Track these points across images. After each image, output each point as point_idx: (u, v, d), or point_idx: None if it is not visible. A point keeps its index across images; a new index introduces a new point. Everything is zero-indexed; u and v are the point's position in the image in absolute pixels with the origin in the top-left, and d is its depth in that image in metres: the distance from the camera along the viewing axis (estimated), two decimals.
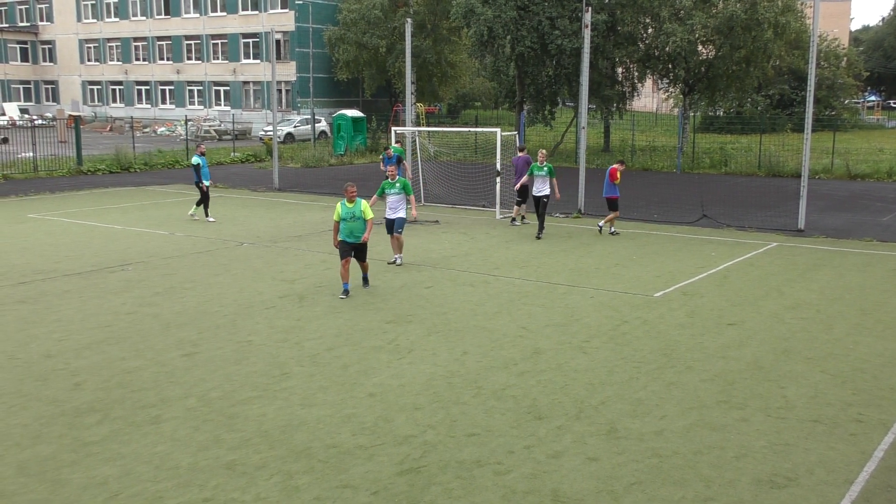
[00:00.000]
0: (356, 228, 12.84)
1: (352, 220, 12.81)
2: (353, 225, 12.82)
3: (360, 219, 12.83)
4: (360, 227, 12.86)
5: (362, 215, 12.88)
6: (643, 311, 12.27)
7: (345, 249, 12.90)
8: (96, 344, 10.59)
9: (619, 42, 39.59)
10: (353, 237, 12.86)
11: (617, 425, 8.03)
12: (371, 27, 54.29)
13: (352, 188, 12.79)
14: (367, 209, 12.96)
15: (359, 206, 12.84)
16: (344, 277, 12.98)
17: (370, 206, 13.49)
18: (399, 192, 15.31)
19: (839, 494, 6.67)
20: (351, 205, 12.80)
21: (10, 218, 21.33)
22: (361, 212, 12.87)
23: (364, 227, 12.91)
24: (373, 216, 13.04)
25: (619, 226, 20.38)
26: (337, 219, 12.87)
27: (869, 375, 9.49)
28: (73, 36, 73.37)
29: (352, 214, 12.82)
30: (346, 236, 12.87)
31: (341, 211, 12.83)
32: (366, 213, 12.92)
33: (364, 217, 12.88)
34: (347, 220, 12.80)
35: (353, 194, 12.81)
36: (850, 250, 17.30)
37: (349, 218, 12.80)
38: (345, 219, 12.81)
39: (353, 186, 12.83)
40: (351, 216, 12.82)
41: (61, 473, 7.03)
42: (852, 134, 52.99)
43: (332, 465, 7.18)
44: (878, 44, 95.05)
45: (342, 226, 12.84)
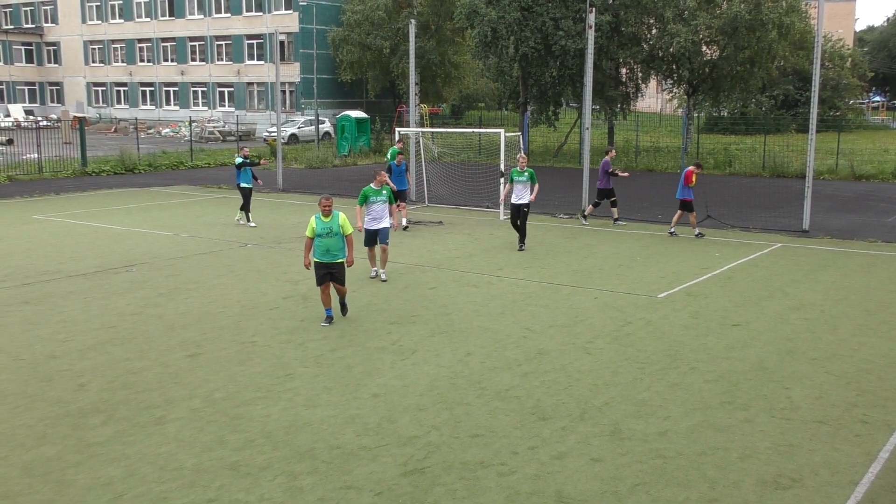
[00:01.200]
0: (332, 246, 11.37)
1: (328, 237, 11.35)
2: (329, 242, 11.35)
3: (338, 234, 11.38)
4: (337, 245, 11.40)
5: (340, 230, 11.39)
6: (647, 311, 12.26)
7: (321, 273, 11.46)
8: (101, 345, 10.61)
9: (623, 43, 39.56)
10: (330, 256, 11.39)
11: (621, 426, 8.02)
12: (375, 28, 54.33)
13: (326, 200, 11.36)
14: (347, 223, 11.50)
15: (336, 220, 11.36)
16: (325, 303, 11.60)
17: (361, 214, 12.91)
18: (384, 200, 14.23)
19: (844, 496, 6.66)
20: (327, 219, 11.35)
21: (15, 219, 21.38)
22: (339, 226, 11.38)
23: (342, 244, 11.47)
24: (352, 231, 11.64)
25: (623, 226, 20.38)
26: (310, 234, 11.41)
27: (874, 376, 9.47)
28: (77, 37, 73.54)
29: (328, 230, 11.34)
30: (322, 255, 11.40)
31: (315, 225, 11.37)
32: (345, 228, 11.43)
33: (343, 232, 11.41)
34: (323, 236, 11.35)
35: (329, 207, 11.37)
36: (855, 251, 17.26)
37: (325, 234, 11.35)
38: (320, 234, 11.37)
39: (329, 199, 11.41)
40: (327, 231, 11.35)
41: (66, 474, 7.04)
42: (857, 134, 52.89)
43: (335, 465, 7.19)
44: (882, 44, 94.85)
45: (316, 242, 11.40)
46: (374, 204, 14.07)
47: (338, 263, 11.48)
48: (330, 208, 11.39)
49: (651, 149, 40.32)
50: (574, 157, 38.63)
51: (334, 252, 11.41)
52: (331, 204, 11.41)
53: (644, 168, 35.80)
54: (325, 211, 11.35)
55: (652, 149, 40.34)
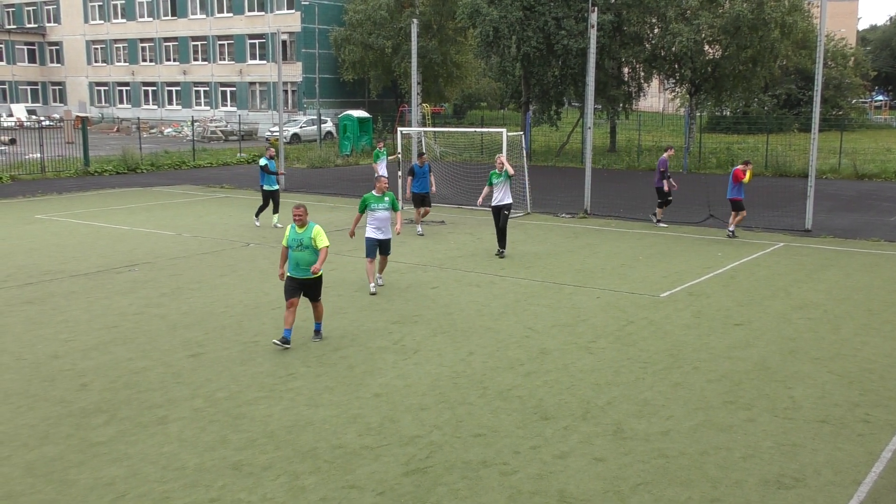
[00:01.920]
0: (303, 259, 10.44)
1: (299, 249, 10.42)
2: (299, 255, 10.44)
3: (310, 248, 10.43)
4: (309, 259, 10.44)
5: (311, 243, 10.43)
6: (649, 311, 12.25)
7: (290, 287, 10.49)
8: (103, 345, 10.62)
9: (626, 42, 39.55)
10: (300, 270, 10.48)
11: (623, 426, 8.01)
12: (377, 28, 54.33)
13: (297, 209, 10.50)
14: (321, 236, 10.50)
15: (309, 232, 10.42)
16: (287, 321, 10.45)
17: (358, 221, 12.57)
18: (388, 207, 13.27)
19: (847, 495, 6.65)
20: (301, 229, 10.46)
21: (18, 219, 21.41)
22: (311, 239, 10.42)
23: (315, 259, 10.52)
24: (328, 244, 10.55)
25: (626, 225, 20.37)
26: (285, 244, 10.59)
27: (876, 376, 9.46)
28: (80, 37, 73.61)
29: (298, 242, 10.42)
30: (293, 269, 10.51)
31: (289, 235, 10.54)
32: (318, 241, 10.46)
33: (315, 245, 10.46)
34: (294, 248, 10.45)
35: (300, 217, 10.47)
36: (858, 250, 17.24)
37: (296, 246, 10.44)
38: (291, 246, 10.48)
39: (301, 207, 10.53)
40: (297, 244, 10.42)
41: (68, 474, 7.05)
42: (860, 134, 52.82)
43: (338, 465, 7.19)
44: (885, 43, 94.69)
45: (290, 255, 10.56)
46: (376, 212, 13.22)
47: (311, 280, 10.56)
48: (302, 218, 10.46)
49: (654, 148, 40.28)
50: (576, 157, 38.61)
51: (304, 267, 10.48)
52: (302, 213, 10.47)
53: (646, 168, 35.76)
54: (297, 221, 10.48)
55: (654, 148, 40.30)
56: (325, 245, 10.49)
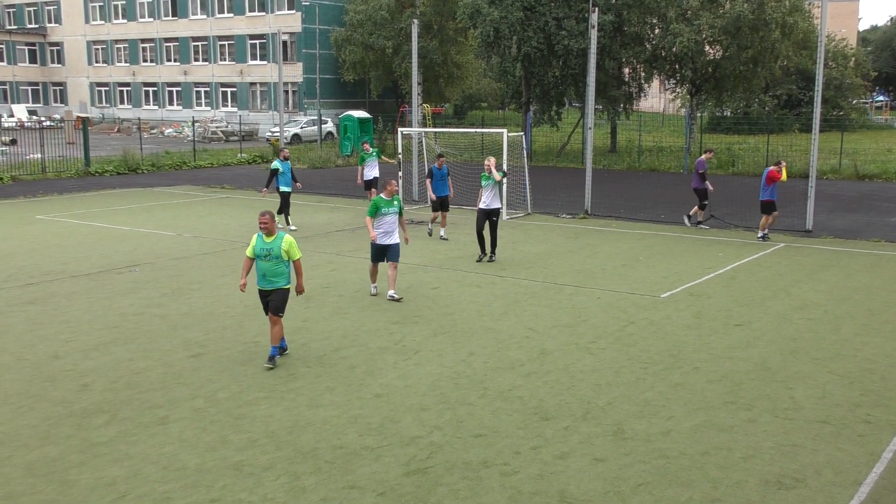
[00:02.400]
0: (270, 271, 9.78)
1: (266, 259, 9.76)
2: (266, 266, 9.78)
3: (278, 258, 9.74)
4: (277, 270, 9.78)
5: (281, 254, 9.73)
6: (650, 311, 12.25)
7: (263, 302, 9.96)
8: (104, 345, 10.63)
9: (626, 42, 39.55)
10: (266, 282, 9.84)
11: (624, 426, 8.02)
12: (377, 28, 54.34)
13: (263, 217, 9.78)
14: (294, 248, 9.80)
15: (278, 242, 9.72)
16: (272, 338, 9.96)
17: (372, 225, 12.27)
18: (396, 211, 12.83)
19: (847, 496, 6.65)
20: (269, 239, 9.76)
21: (19, 219, 21.42)
22: (280, 249, 9.71)
23: (284, 270, 9.83)
24: (300, 256, 9.92)
25: (626, 226, 20.37)
26: (249, 254, 9.93)
27: (877, 376, 9.46)
28: (80, 38, 73.64)
29: (267, 251, 9.74)
30: (259, 280, 9.91)
31: (255, 244, 9.83)
32: (290, 252, 9.75)
33: (287, 257, 9.77)
34: (261, 257, 9.78)
35: (266, 225, 9.77)
36: (858, 251, 17.24)
37: (263, 255, 9.77)
38: (258, 255, 9.81)
39: (266, 216, 9.78)
40: (265, 253, 9.75)
41: (69, 474, 7.06)
42: (860, 134, 52.80)
43: (338, 465, 7.19)
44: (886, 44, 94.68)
45: (256, 265, 9.89)
46: (385, 216, 12.73)
47: (277, 290, 9.85)
48: (268, 226, 9.75)
49: (654, 149, 40.30)
50: (577, 157, 38.60)
51: (271, 278, 9.81)
52: (268, 221, 9.76)
53: (647, 168, 35.78)
54: (263, 229, 9.78)
55: (655, 149, 40.32)
56: (299, 257, 9.89)
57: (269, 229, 9.77)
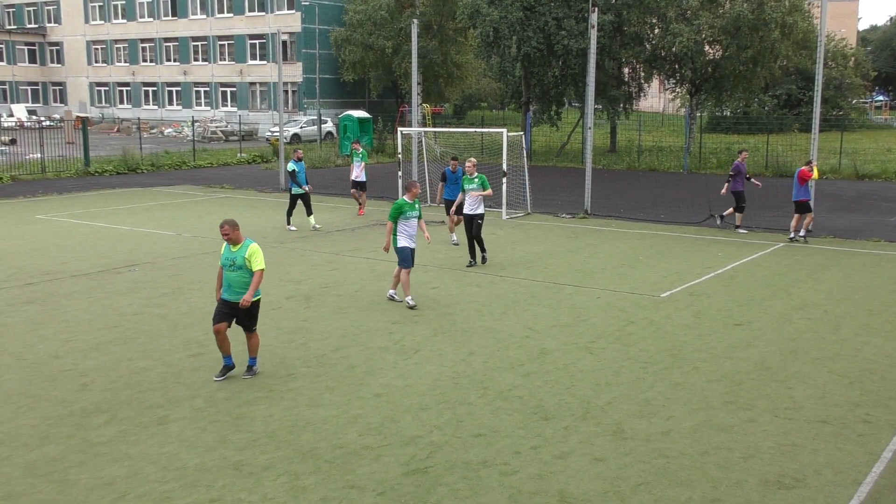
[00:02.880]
0: (235, 281, 9.23)
1: (231, 269, 9.26)
2: (231, 276, 9.26)
3: (243, 268, 9.20)
4: (243, 281, 9.23)
5: (245, 263, 9.19)
6: (650, 311, 12.25)
7: (220, 310, 9.34)
8: (104, 345, 10.62)
9: (626, 42, 39.56)
10: (231, 293, 9.29)
11: (623, 426, 8.01)
12: (377, 28, 54.36)
13: (223, 228, 9.23)
14: (256, 256, 9.24)
15: (243, 252, 9.22)
16: (221, 348, 9.41)
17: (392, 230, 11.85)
18: (418, 215, 12.52)
19: (847, 495, 6.65)
20: (234, 248, 9.27)
21: (18, 219, 21.41)
22: (244, 259, 9.19)
23: (249, 282, 9.22)
24: (263, 268, 9.30)
25: (626, 226, 20.37)
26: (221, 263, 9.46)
27: (877, 376, 9.46)
28: (80, 37, 73.64)
29: (231, 261, 9.25)
30: (224, 290, 9.36)
31: (222, 254, 9.41)
32: (252, 262, 9.20)
33: (249, 266, 9.21)
34: (227, 267, 9.30)
35: (227, 235, 9.23)
36: (858, 251, 17.24)
37: (228, 265, 9.28)
38: (224, 266, 9.34)
39: (225, 226, 9.24)
40: (230, 263, 9.25)
41: (69, 474, 7.05)
42: (860, 134, 52.82)
43: (338, 465, 7.19)
44: (885, 43, 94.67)
45: (224, 276, 9.41)
46: (410, 220, 12.40)
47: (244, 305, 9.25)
48: (228, 235, 9.24)
49: (654, 148, 40.30)
50: (576, 157, 38.61)
51: (237, 289, 9.27)
52: (228, 231, 9.23)
53: (647, 168, 35.78)
54: (226, 239, 9.30)
55: (654, 148, 40.32)
56: (261, 268, 9.25)
57: (231, 238, 9.24)
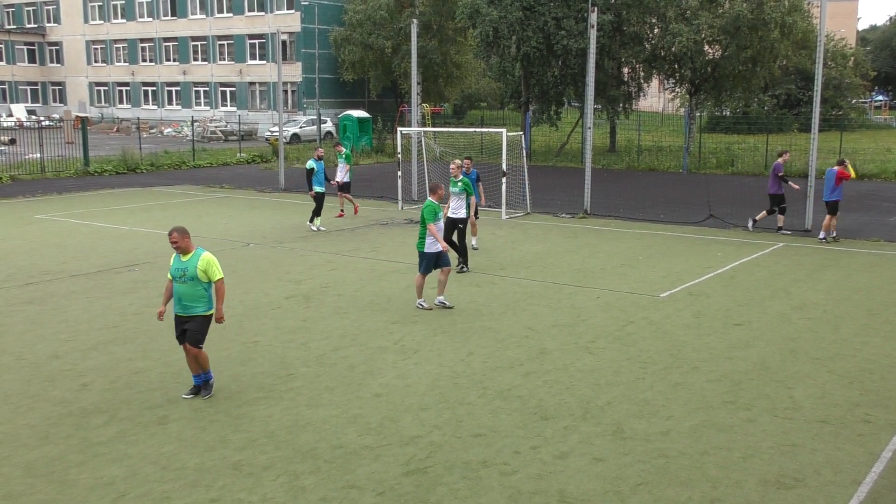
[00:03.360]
0: (185, 294, 8.45)
1: (182, 282, 8.44)
2: (181, 288, 8.46)
3: (195, 280, 8.40)
4: (193, 294, 8.45)
5: (197, 274, 8.39)
6: (649, 311, 12.25)
7: (178, 329, 8.63)
8: (103, 345, 10.62)
9: (625, 42, 39.56)
10: (181, 307, 8.52)
11: (623, 426, 8.02)
12: (377, 28, 54.36)
13: (171, 235, 8.43)
14: (213, 267, 8.46)
15: (195, 261, 8.40)
16: (190, 367, 8.83)
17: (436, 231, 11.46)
18: (441, 217, 12.50)
19: (847, 495, 6.65)
20: (185, 258, 8.44)
21: (18, 219, 21.41)
22: (196, 269, 8.38)
23: (204, 294, 8.51)
24: (222, 276, 8.57)
25: (625, 226, 20.37)
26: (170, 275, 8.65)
27: (877, 376, 9.46)
28: (80, 37, 73.63)
29: (182, 271, 8.41)
30: (175, 305, 8.60)
31: (171, 265, 8.56)
32: (209, 272, 8.43)
33: (202, 277, 8.43)
34: (176, 279, 8.47)
35: (176, 244, 8.41)
36: (858, 250, 17.24)
37: (178, 276, 8.44)
38: (174, 277, 8.50)
39: (174, 233, 8.43)
40: (180, 274, 8.42)
41: (68, 474, 7.05)
42: (859, 134, 52.81)
43: (338, 465, 7.19)
44: (885, 43, 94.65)
45: (173, 288, 8.61)
46: (440, 221, 12.33)
47: (193, 318, 8.56)
48: (178, 244, 8.42)
49: (653, 148, 40.31)
50: (576, 157, 38.61)
51: (186, 303, 8.48)
52: (177, 239, 8.41)
53: (646, 168, 35.79)
54: (175, 248, 8.47)
55: (654, 148, 40.33)
56: (219, 277, 8.53)
57: (181, 247, 8.43)
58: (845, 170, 18.01)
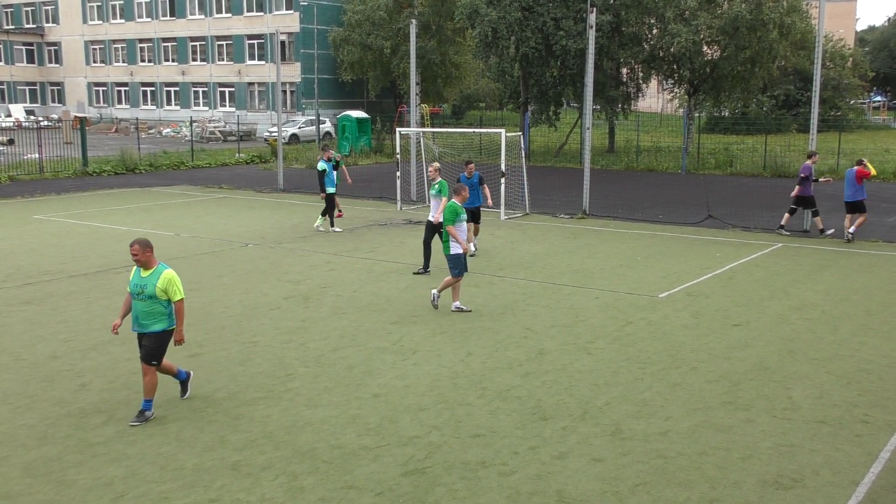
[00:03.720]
0: (142, 311, 7.96)
1: (140, 298, 7.95)
2: (139, 305, 7.98)
3: (153, 298, 7.89)
4: (150, 311, 7.95)
5: (156, 292, 7.88)
6: (648, 311, 12.26)
7: (140, 345, 8.16)
8: (102, 345, 10.61)
9: (624, 43, 39.58)
10: (140, 325, 8.03)
11: (622, 426, 8.02)
12: (376, 28, 54.37)
13: (133, 247, 7.92)
14: (174, 285, 7.95)
15: (154, 280, 7.89)
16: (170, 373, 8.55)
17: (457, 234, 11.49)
18: (466, 217, 12.50)
19: (845, 496, 6.66)
20: (146, 273, 7.94)
21: (16, 219, 21.40)
22: (156, 287, 7.88)
23: (163, 311, 8.00)
24: (182, 297, 8.04)
25: (624, 226, 20.38)
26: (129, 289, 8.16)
27: (875, 376, 9.47)
28: (78, 37, 73.59)
29: (141, 288, 7.93)
30: (133, 322, 8.11)
31: (131, 279, 8.08)
32: (168, 291, 7.93)
33: (161, 296, 7.93)
34: (135, 295, 7.98)
35: (136, 256, 7.90)
36: (856, 251, 17.26)
37: (136, 293, 7.95)
38: (132, 292, 8.01)
39: (135, 245, 7.91)
40: (139, 291, 7.94)
41: (67, 474, 7.05)
42: (858, 134, 52.85)
43: (336, 465, 7.19)
44: (883, 44, 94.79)
45: (132, 305, 8.12)
46: (461, 223, 12.24)
47: (150, 335, 8.03)
48: (138, 257, 7.90)
49: (652, 149, 40.33)
50: (575, 157, 38.61)
51: (143, 321, 7.98)
52: (138, 251, 7.89)
53: (645, 168, 35.80)
54: (136, 261, 7.95)
55: (653, 149, 40.35)
56: (179, 298, 8.00)
57: (141, 261, 7.91)
58: (864, 168, 18.18)
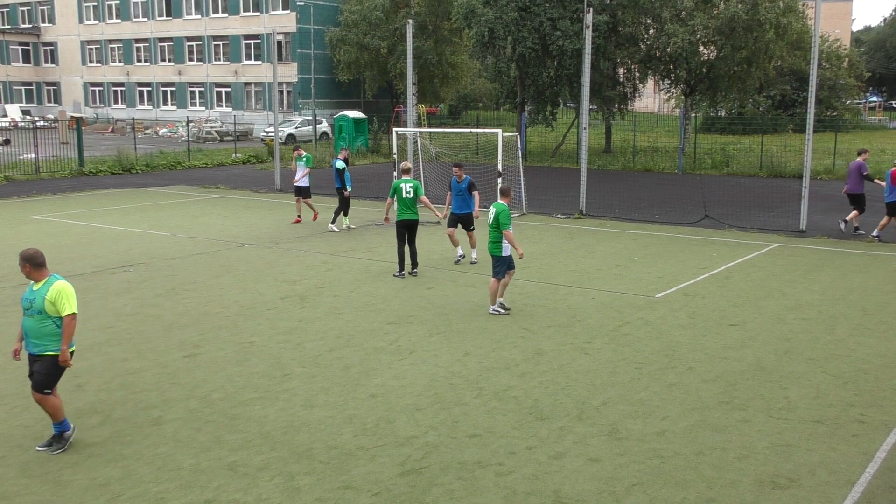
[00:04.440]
0: (32, 329, 7.17)
1: (29, 314, 7.20)
2: (28, 323, 7.21)
3: (42, 314, 7.11)
4: (43, 330, 7.14)
5: (45, 307, 7.08)
6: (645, 311, 12.27)
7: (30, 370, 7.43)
8: (98, 345, 10.60)
9: (621, 43, 39.62)
10: (33, 345, 7.24)
11: (618, 426, 8.02)
12: (372, 28, 54.33)
13: (21, 260, 7.22)
14: (63, 296, 7.12)
15: (43, 292, 7.11)
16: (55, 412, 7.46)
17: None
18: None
19: (841, 495, 6.67)
20: (36, 287, 7.18)
21: (12, 219, 21.35)
22: (45, 301, 7.07)
23: (53, 330, 7.16)
24: (74, 311, 7.17)
25: (620, 226, 20.39)
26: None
27: (871, 376, 9.49)
28: (74, 37, 73.48)
29: (30, 303, 7.17)
30: (26, 341, 7.34)
31: (25, 293, 7.31)
32: (57, 304, 7.09)
33: (51, 311, 7.12)
34: (25, 311, 7.20)
35: (26, 272, 7.19)
36: (852, 251, 17.29)
37: (27, 308, 7.19)
38: (24, 307, 7.21)
39: (22, 258, 7.20)
40: (28, 306, 7.19)
41: (63, 474, 7.04)
42: (854, 135, 52.92)
43: (333, 466, 7.19)
44: (879, 44, 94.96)
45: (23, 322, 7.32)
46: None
47: (41, 357, 7.24)
48: (29, 273, 7.20)
49: (649, 149, 40.36)
50: (571, 158, 38.64)
51: (35, 339, 7.17)
52: (21, 267, 7.23)
53: (641, 168, 35.83)
54: (26, 275, 7.24)
55: (649, 149, 40.38)
56: (69, 312, 7.12)
57: (31, 275, 7.17)
58: None
